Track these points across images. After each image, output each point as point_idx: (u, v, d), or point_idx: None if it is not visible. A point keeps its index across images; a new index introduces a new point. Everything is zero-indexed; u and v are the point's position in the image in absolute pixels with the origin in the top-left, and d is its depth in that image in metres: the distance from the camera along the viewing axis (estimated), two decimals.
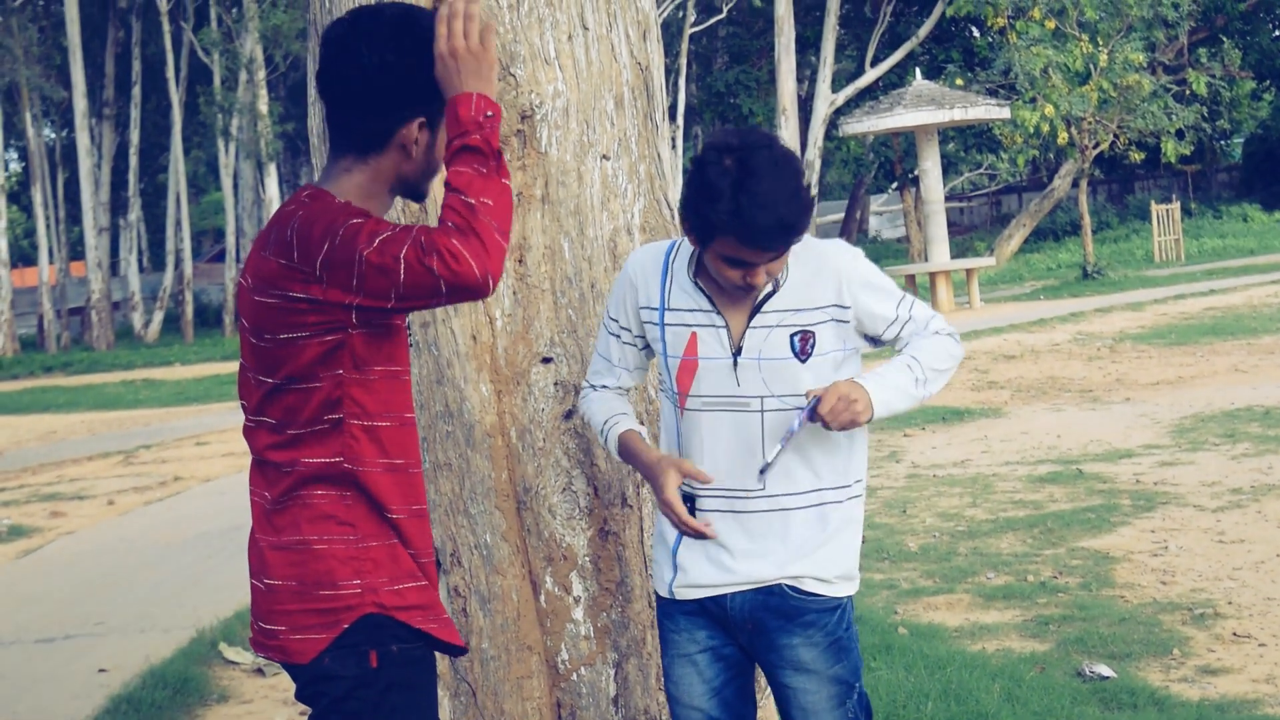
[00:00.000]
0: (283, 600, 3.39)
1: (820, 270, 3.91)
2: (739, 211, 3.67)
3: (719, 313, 3.92)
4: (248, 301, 3.40)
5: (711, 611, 4.00)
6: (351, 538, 3.35)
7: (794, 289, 3.90)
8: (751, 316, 3.90)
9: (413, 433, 3.48)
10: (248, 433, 3.51)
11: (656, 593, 4.11)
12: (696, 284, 3.94)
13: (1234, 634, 7.76)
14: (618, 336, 4.09)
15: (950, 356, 4.00)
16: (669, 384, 4.01)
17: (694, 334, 3.94)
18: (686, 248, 3.99)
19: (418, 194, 3.53)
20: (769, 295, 3.89)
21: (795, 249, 3.88)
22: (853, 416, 3.79)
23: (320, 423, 3.33)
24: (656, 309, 3.99)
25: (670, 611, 4.05)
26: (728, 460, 3.94)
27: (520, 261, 4.48)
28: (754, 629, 3.98)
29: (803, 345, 3.89)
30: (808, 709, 3.99)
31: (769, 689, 4.18)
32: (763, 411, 3.91)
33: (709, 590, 3.97)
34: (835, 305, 3.90)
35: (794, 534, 3.93)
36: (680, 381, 3.97)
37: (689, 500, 3.96)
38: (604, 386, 4.16)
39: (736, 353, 3.90)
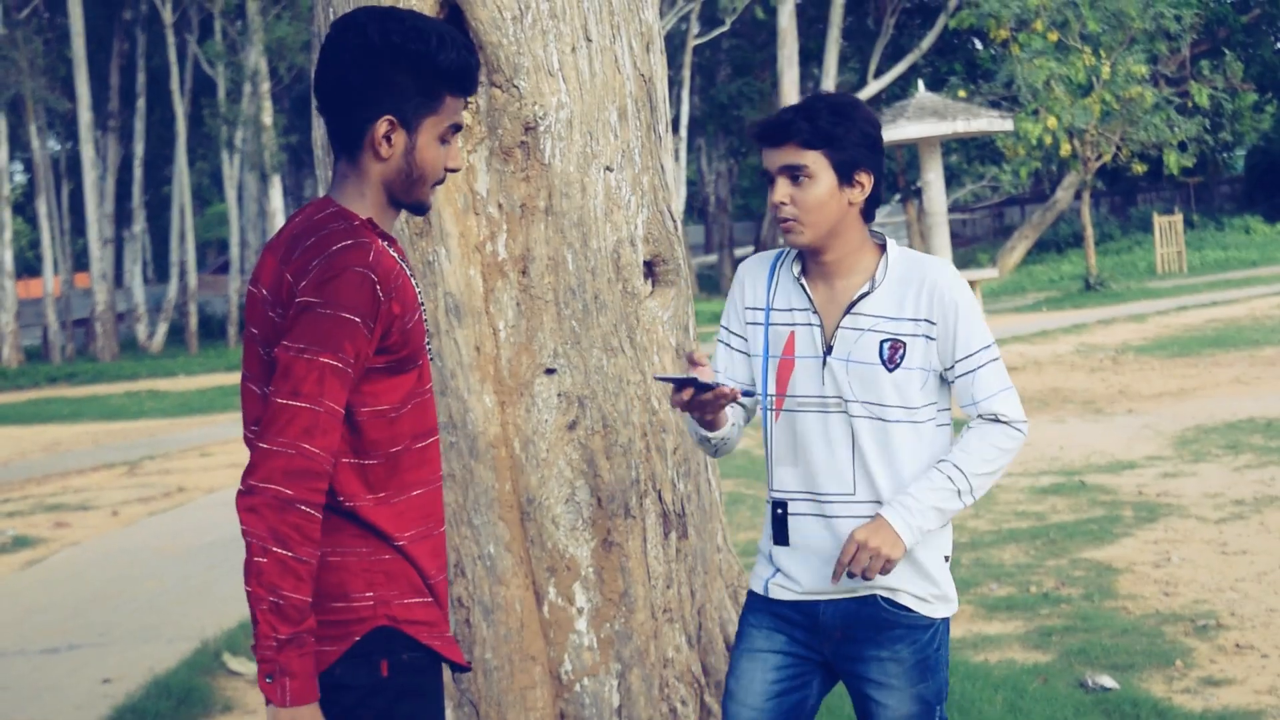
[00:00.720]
0: None
1: (918, 282, 3.94)
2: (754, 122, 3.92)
3: (815, 311, 3.97)
4: (261, 313, 3.42)
5: (799, 618, 4.02)
6: (364, 550, 3.35)
7: (887, 294, 3.94)
8: (843, 316, 3.94)
9: (420, 458, 3.47)
10: (249, 443, 3.51)
11: (750, 589, 4.10)
12: (800, 282, 4.00)
13: (1236, 645, 7.76)
14: (727, 344, 4.12)
15: (1001, 453, 3.94)
16: (767, 387, 4.03)
17: (792, 333, 3.99)
18: (794, 253, 4.05)
19: (414, 205, 3.52)
20: (863, 295, 3.93)
21: (896, 255, 3.96)
22: (883, 563, 3.82)
23: None
24: (761, 309, 4.04)
25: (759, 608, 4.06)
26: (819, 464, 3.97)
27: (523, 273, 4.50)
28: (843, 638, 3.99)
29: (891, 354, 3.92)
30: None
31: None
32: (849, 415, 3.93)
33: (805, 595, 3.99)
34: (926, 320, 3.92)
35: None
36: (778, 381, 4.00)
37: (781, 506, 4.01)
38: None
39: (827, 351, 3.94)
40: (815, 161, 3.84)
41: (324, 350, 3.23)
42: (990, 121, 33.44)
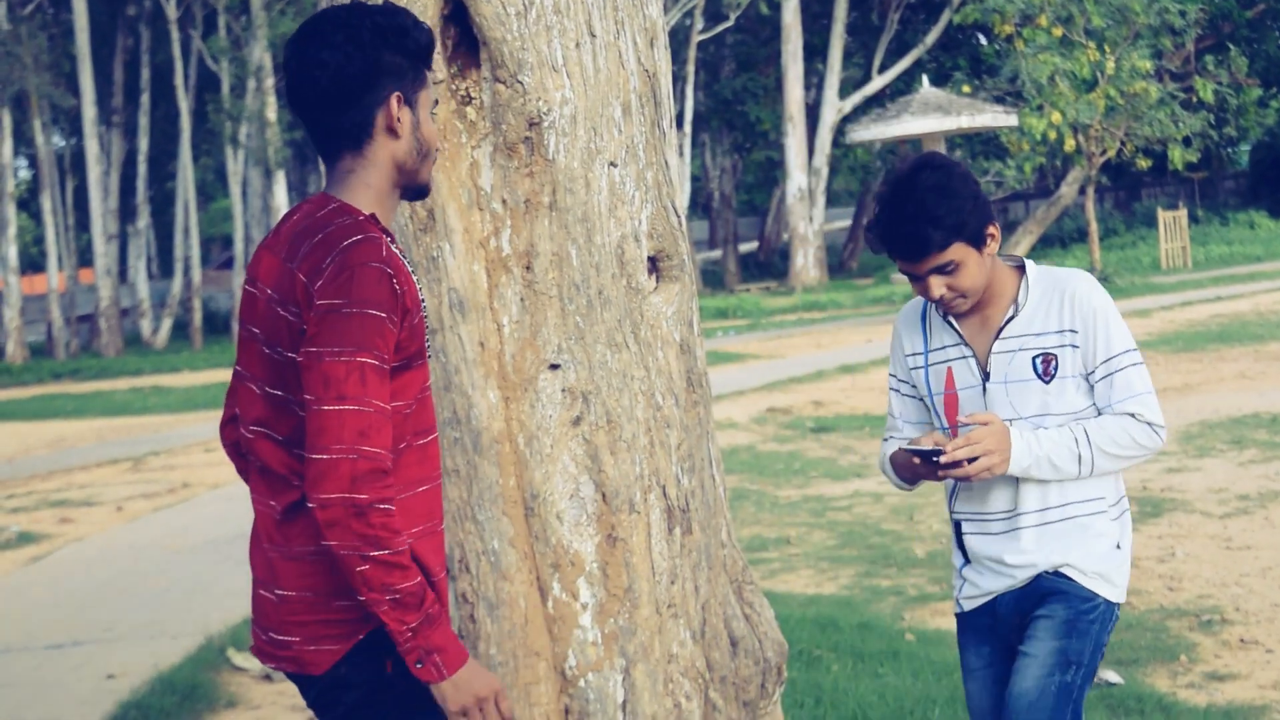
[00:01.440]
0: (297, 611, 3.41)
1: (1058, 295, 4.18)
2: (871, 229, 4.19)
3: (966, 344, 4.27)
4: (265, 312, 3.42)
5: (988, 620, 4.35)
6: None
7: (1032, 313, 4.19)
8: (993, 342, 4.22)
9: (422, 455, 3.49)
10: (248, 444, 3.51)
11: (955, 611, 4.48)
12: (947, 321, 4.29)
13: (1241, 640, 7.76)
14: (896, 390, 4.48)
15: (1135, 444, 4.18)
16: (940, 424, 4.35)
17: (949, 368, 4.31)
18: None
19: (419, 188, 3.57)
20: (1009, 320, 4.20)
21: (1035, 275, 4.22)
22: (982, 468, 4.10)
23: None
24: (920, 353, 4.37)
25: (963, 627, 4.43)
26: (991, 485, 4.25)
27: (528, 269, 4.50)
28: (1019, 621, 4.28)
29: (1045, 367, 4.18)
30: (1020, 670, 4.21)
31: None
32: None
33: (985, 596, 4.32)
34: (1069, 330, 4.16)
35: (1057, 540, 4.21)
36: (948, 417, 4.30)
37: (958, 526, 4.37)
38: (889, 439, 4.49)
39: (985, 378, 4.23)
40: (956, 252, 4.08)
41: (360, 350, 3.23)
42: (994, 117, 33.48)
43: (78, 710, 7.94)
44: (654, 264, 4.74)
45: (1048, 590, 4.21)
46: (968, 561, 4.36)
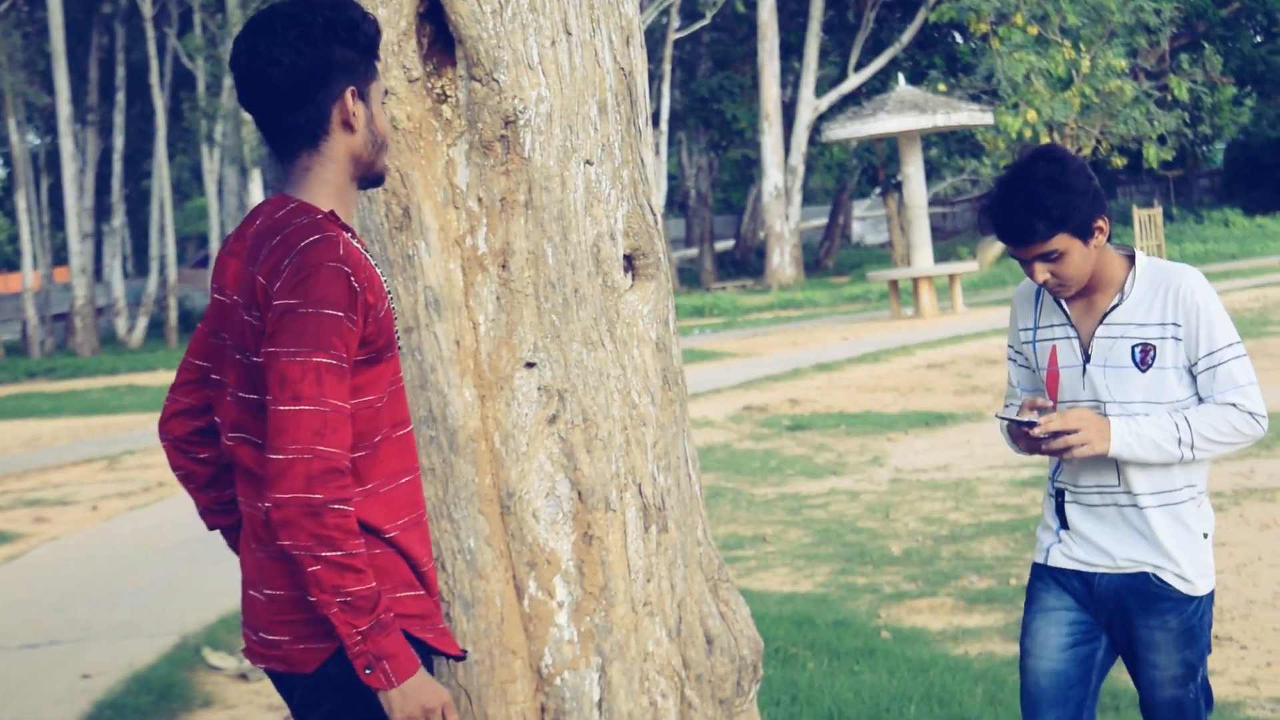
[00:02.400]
0: (285, 610, 3.42)
1: (1164, 288, 4.35)
2: (984, 212, 4.43)
3: (1072, 325, 4.47)
4: (235, 318, 3.44)
5: (1078, 585, 4.51)
6: None
7: (1136, 303, 4.37)
8: (1097, 326, 4.42)
9: (399, 446, 3.51)
10: (229, 450, 3.52)
11: (1034, 561, 4.65)
12: (1057, 301, 4.50)
13: (1215, 637, 7.77)
14: (1013, 360, 4.71)
15: (1235, 431, 4.33)
16: (1046, 395, 4.55)
17: (1054, 346, 4.52)
18: None
19: (375, 176, 3.60)
20: (1114, 306, 4.39)
21: (1143, 266, 4.40)
22: (1080, 450, 4.32)
23: None
24: (1030, 329, 4.58)
25: (1043, 575, 4.59)
26: (1095, 463, 4.43)
27: (504, 267, 4.49)
28: (1116, 607, 4.47)
29: (1143, 356, 4.36)
30: (1155, 682, 4.46)
31: None
32: (1106, 415, 4.37)
33: (1085, 566, 4.49)
34: (1173, 323, 4.33)
35: (1153, 529, 4.39)
36: (1049, 391, 4.53)
37: (1059, 495, 4.57)
38: (1009, 405, 4.69)
39: (1086, 359, 4.43)
40: (1060, 242, 4.26)
41: (316, 350, 3.24)
42: (970, 115, 33.49)
43: (53, 710, 7.92)
44: (630, 262, 4.74)
45: (1156, 595, 4.41)
46: (1065, 527, 4.53)
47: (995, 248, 45.53)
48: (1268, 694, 6.90)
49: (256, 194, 43.91)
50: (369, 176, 3.58)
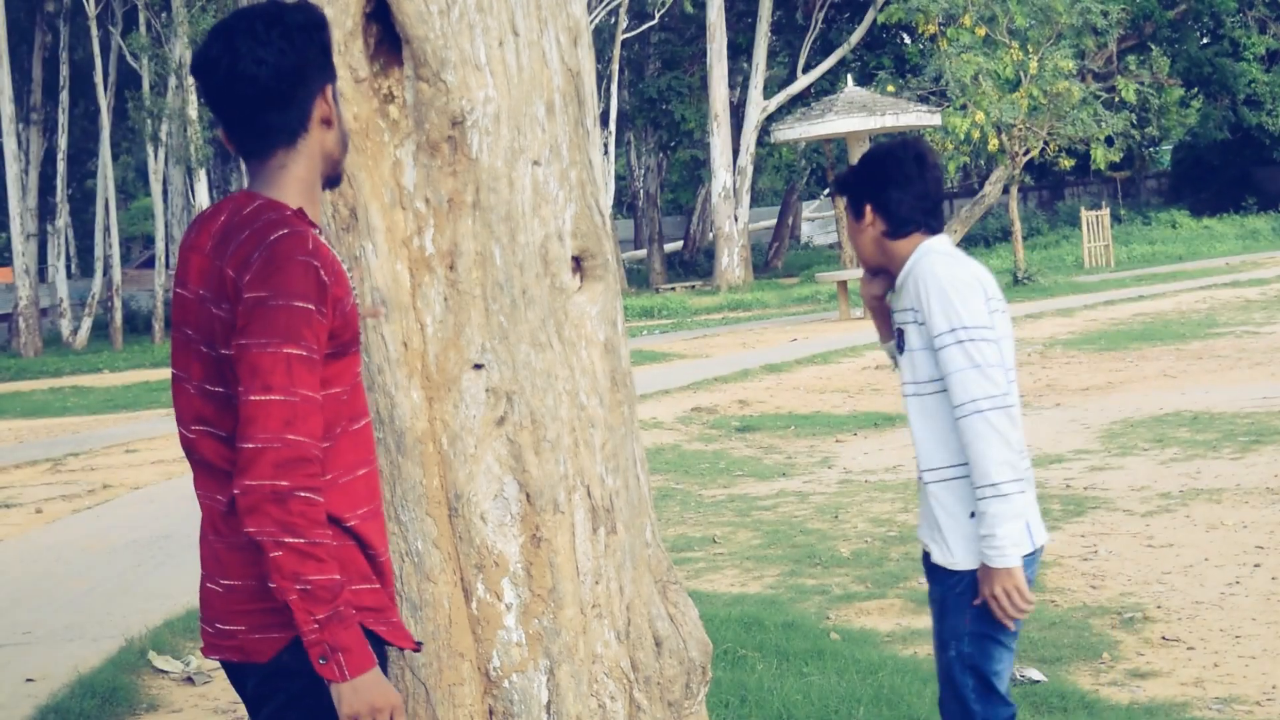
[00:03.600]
0: (242, 600, 3.44)
1: (912, 274, 4.61)
2: None
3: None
4: (197, 311, 3.47)
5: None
6: None
7: (900, 289, 4.70)
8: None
9: (356, 439, 3.55)
10: (190, 443, 3.55)
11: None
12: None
13: (1163, 638, 7.82)
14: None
15: (982, 441, 4.41)
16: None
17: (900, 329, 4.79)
18: None
19: (337, 176, 3.66)
20: (893, 292, 4.78)
21: (918, 253, 4.64)
22: (1006, 594, 4.46)
23: None
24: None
25: None
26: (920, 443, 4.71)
27: (451, 268, 4.47)
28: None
29: (901, 340, 4.68)
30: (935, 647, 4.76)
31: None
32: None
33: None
34: (912, 309, 4.60)
35: (930, 503, 4.66)
36: None
37: None
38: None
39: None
40: (841, 205, 4.58)
41: (286, 341, 3.28)
42: (919, 116, 33.63)
43: None
44: (578, 263, 4.73)
45: (933, 566, 4.70)
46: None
47: None
48: (1214, 694, 6.93)
49: (202, 194, 43.69)
50: (333, 175, 3.64)
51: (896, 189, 4.68)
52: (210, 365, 3.44)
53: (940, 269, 4.50)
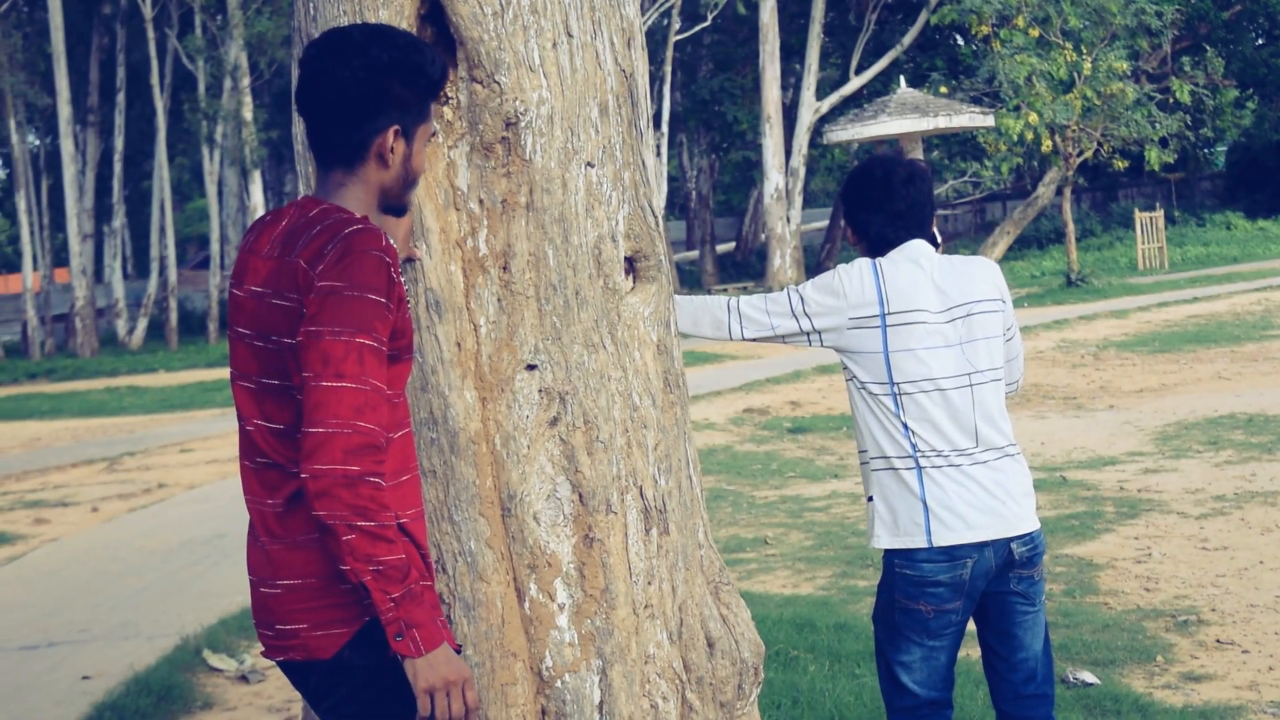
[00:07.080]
0: (303, 599, 3.49)
1: None
2: None
3: None
4: (254, 308, 3.52)
5: None
6: None
7: None
8: None
9: (401, 446, 3.61)
10: (247, 437, 3.60)
11: None
12: None
13: (1217, 641, 7.77)
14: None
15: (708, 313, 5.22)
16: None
17: None
18: None
19: (399, 208, 3.71)
20: None
21: None
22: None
23: None
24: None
25: None
26: None
27: (505, 269, 4.48)
28: None
29: None
30: None
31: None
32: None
33: None
34: None
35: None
36: None
37: None
38: None
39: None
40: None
41: (359, 331, 3.34)
42: (972, 118, 33.50)
43: (52, 711, 7.91)
44: (631, 264, 4.73)
45: None
46: None
47: (998, 248, 45.60)
48: (1269, 698, 6.89)
49: (257, 195, 43.92)
50: (394, 207, 3.69)
51: (864, 212, 4.99)
52: (265, 359, 3.49)
53: (846, 266, 5.02)
